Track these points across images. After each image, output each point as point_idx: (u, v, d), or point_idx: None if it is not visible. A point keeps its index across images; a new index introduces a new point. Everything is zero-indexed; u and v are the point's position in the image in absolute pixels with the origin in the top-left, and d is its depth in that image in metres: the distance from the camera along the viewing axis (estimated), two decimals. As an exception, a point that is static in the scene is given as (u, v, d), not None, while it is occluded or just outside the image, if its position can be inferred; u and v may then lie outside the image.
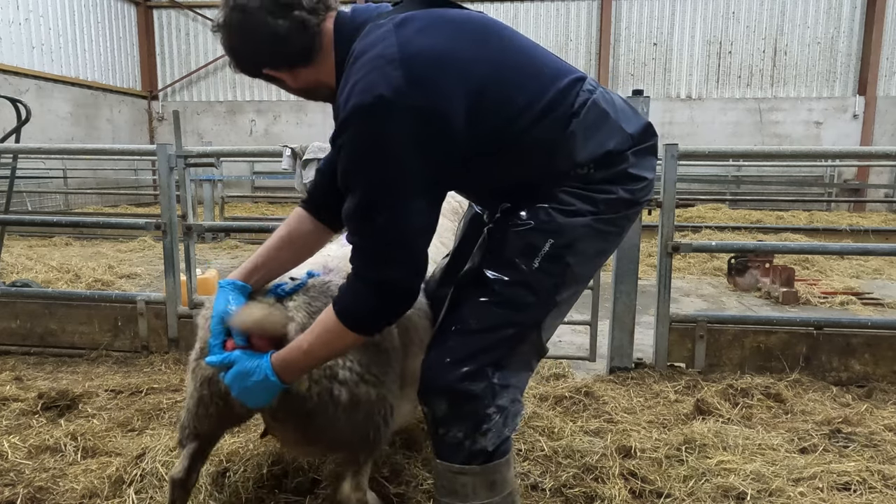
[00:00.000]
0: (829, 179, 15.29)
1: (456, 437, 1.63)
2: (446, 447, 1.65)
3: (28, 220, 8.02)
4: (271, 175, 13.52)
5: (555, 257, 1.62)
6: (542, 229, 1.61)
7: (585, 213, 1.62)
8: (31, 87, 13.24)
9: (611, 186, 1.64)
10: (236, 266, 3.42)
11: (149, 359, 3.77)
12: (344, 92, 1.49)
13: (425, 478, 2.25)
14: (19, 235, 9.57)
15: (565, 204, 1.62)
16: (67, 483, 2.26)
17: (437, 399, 1.63)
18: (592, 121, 1.62)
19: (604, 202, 1.63)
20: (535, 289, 1.63)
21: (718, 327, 3.59)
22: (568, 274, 1.66)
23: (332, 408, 1.70)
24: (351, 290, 1.55)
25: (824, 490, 2.24)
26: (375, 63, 1.46)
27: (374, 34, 1.54)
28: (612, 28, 15.98)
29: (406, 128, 1.45)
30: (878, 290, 6.18)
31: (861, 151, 9.91)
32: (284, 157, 3.96)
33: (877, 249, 6.06)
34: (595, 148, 1.61)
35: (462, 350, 1.62)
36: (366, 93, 1.43)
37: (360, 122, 1.45)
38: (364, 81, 1.45)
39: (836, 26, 15.44)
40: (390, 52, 1.47)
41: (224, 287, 1.74)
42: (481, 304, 1.63)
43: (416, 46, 1.49)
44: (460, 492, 1.66)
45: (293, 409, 1.69)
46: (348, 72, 1.52)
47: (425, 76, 1.47)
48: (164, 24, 17.39)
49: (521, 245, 1.62)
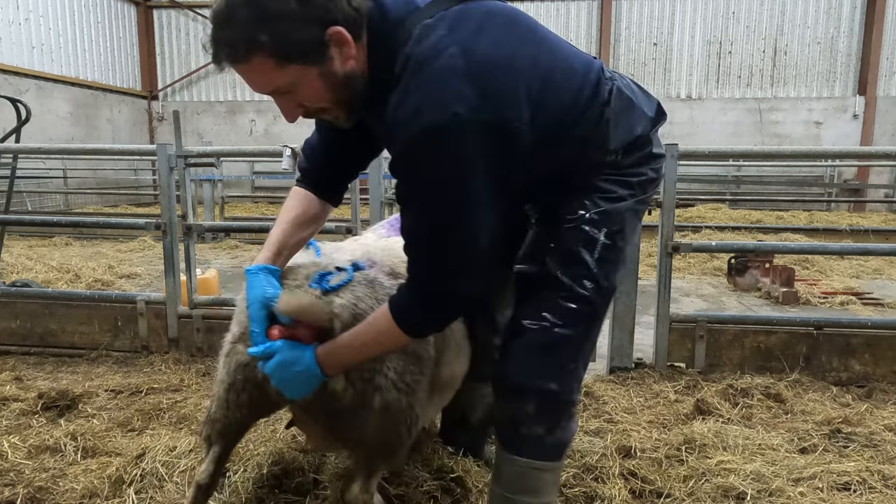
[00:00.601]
0: (829, 179, 15.30)
1: (537, 433, 1.67)
2: (529, 445, 1.69)
3: (28, 220, 8.02)
4: (271, 175, 13.53)
5: (611, 245, 1.65)
6: (594, 220, 1.63)
7: (626, 197, 1.66)
8: (31, 87, 13.25)
9: (640, 168, 1.69)
10: (236, 266, 3.41)
11: (149, 359, 3.77)
12: (406, 106, 1.40)
13: (425, 479, 2.25)
14: (19, 235, 9.56)
15: (607, 192, 1.65)
16: (67, 483, 2.25)
17: (526, 399, 1.66)
18: (621, 108, 1.64)
19: (638, 184, 1.68)
20: (600, 280, 1.66)
21: (718, 327, 3.59)
22: (621, 259, 1.71)
23: (364, 411, 1.70)
24: (410, 297, 1.55)
25: (824, 490, 2.24)
26: (444, 77, 1.38)
27: (430, 39, 1.43)
28: (612, 28, 15.99)
29: (480, 145, 1.41)
30: (878, 290, 6.18)
31: (861, 151, 9.91)
32: (284, 157, 3.95)
33: (877, 249, 6.06)
34: (625, 134, 1.64)
35: (546, 350, 1.65)
36: (439, 112, 1.36)
37: (434, 143, 1.38)
38: (435, 98, 1.37)
39: (836, 26, 15.45)
40: (457, 63, 1.39)
41: (257, 272, 1.69)
42: (557, 302, 1.65)
43: (480, 55, 1.42)
44: (541, 489, 1.73)
45: (325, 405, 1.68)
46: (408, 83, 1.41)
47: (496, 89, 1.42)
48: (164, 24, 17.39)
49: (581, 239, 1.64)
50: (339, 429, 1.76)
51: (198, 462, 1.93)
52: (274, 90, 1.47)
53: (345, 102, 1.52)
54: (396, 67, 1.44)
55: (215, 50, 1.41)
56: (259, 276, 1.68)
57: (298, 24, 1.36)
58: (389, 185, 5.99)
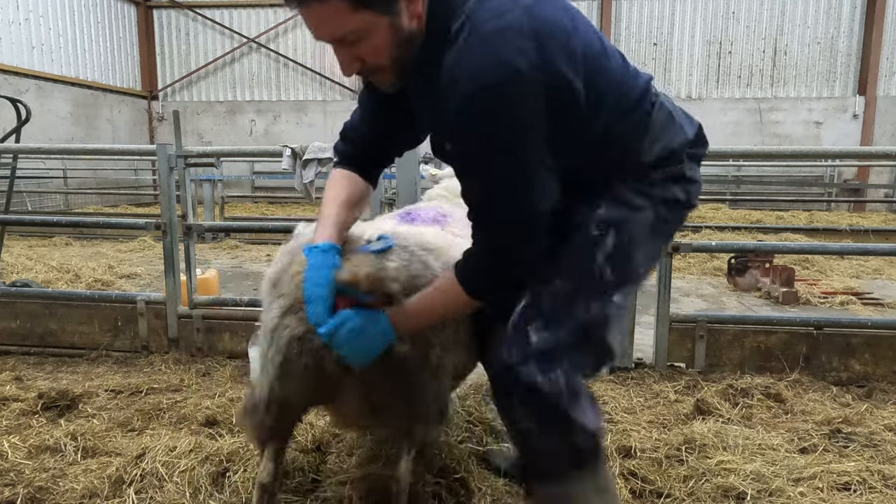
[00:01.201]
0: (829, 179, 15.29)
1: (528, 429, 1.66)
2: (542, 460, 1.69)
3: (28, 220, 8.02)
4: (271, 175, 13.52)
5: (620, 252, 1.63)
6: (604, 223, 1.62)
7: (644, 208, 1.64)
8: (31, 87, 13.24)
9: (668, 185, 1.66)
10: (237, 266, 3.38)
11: (149, 359, 3.77)
12: (467, 63, 1.38)
13: (429, 480, 2.25)
14: (19, 235, 9.56)
15: (628, 200, 1.63)
16: (67, 483, 2.25)
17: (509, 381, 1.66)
18: (662, 121, 1.64)
19: (662, 201, 1.66)
20: (600, 285, 1.64)
21: (718, 327, 3.59)
22: (629, 271, 1.67)
23: (422, 370, 1.75)
24: (478, 260, 1.57)
25: (824, 490, 2.24)
26: (505, 34, 1.37)
27: (491, 2, 1.43)
28: (612, 28, 15.98)
29: (541, 101, 1.41)
30: (878, 290, 6.17)
31: (861, 151, 9.91)
32: (284, 157, 3.96)
33: (877, 249, 6.06)
34: (661, 147, 1.64)
35: (547, 346, 1.62)
36: (500, 67, 1.35)
37: (495, 99, 1.37)
38: (496, 55, 1.36)
39: (836, 26, 15.45)
40: (520, 21, 1.39)
41: (324, 249, 1.61)
42: (560, 301, 1.63)
43: (543, 15, 1.42)
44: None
45: (385, 370, 1.67)
46: (468, 41, 1.40)
47: (557, 47, 1.41)
48: (164, 24, 17.39)
49: (591, 241, 1.63)
50: (390, 396, 1.76)
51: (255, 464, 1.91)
52: (341, 37, 1.44)
53: (400, 62, 1.50)
54: (454, 25, 1.44)
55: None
56: (323, 253, 1.62)
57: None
58: (389, 186, 5.99)
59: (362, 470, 2.26)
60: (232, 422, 2.79)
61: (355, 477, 2.21)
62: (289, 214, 12.33)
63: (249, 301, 3.85)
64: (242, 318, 3.80)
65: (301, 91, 17.24)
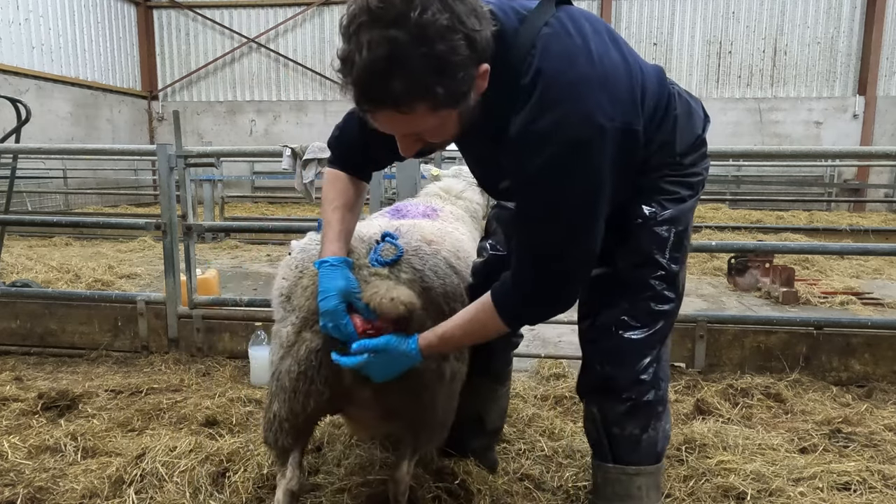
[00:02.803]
0: (829, 179, 15.29)
1: (631, 434, 1.72)
2: (621, 448, 1.74)
3: (28, 220, 8.02)
4: (271, 175, 13.52)
5: (678, 244, 1.71)
6: (663, 220, 1.68)
7: (687, 197, 1.73)
8: (31, 87, 13.24)
9: (697, 168, 1.75)
10: (237, 266, 3.39)
11: (149, 359, 3.77)
12: (548, 119, 1.39)
13: (428, 482, 2.24)
14: (19, 235, 9.56)
15: (671, 193, 1.70)
16: (67, 483, 2.25)
17: (617, 399, 1.72)
18: (684, 111, 1.71)
19: (696, 184, 1.75)
20: (674, 279, 1.73)
21: (718, 327, 3.59)
22: (686, 256, 1.78)
23: (439, 382, 1.80)
24: (515, 291, 1.59)
25: (824, 490, 2.24)
26: (582, 90, 1.40)
27: (556, 49, 1.42)
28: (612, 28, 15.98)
29: (615, 151, 1.45)
30: (878, 290, 6.17)
31: (861, 151, 9.90)
32: (284, 157, 3.95)
33: (877, 249, 6.05)
34: (689, 137, 1.71)
35: (631, 351, 1.71)
36: (585, 124, 1.39)
37: (578, 154, 1.42)
38: (578, 111, 1.39)
39: (836, 26, 15.44)
40: (589, 72, 1.41)
41: (335, 264, 1.64)
42: (636, 304, 1.71)
43: (607, 63, 1.45)
44: (636, 495, 1.75)
45: (403, 384, 1.69)
46: (544, 95, 1.40)
47: (621, 96, 1.46)
48: (164, 24, 17.38)
49: (653, 239, 1.69)
50: (403, 406, 1.80)
51: (278, 471, 1.91)
52: (414, 133, 1.43)
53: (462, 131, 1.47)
54: (524, 80, 1.42)
55: (374, 96, 1.29)
56: (335, 269, 1.64)
57: (468, 71, 1.31)
58: (389, 185, 5.99)
59: (361, 476, 2.26)
60: (232, 422, 2.79)
61: (353, 484, 2.21)
62: (289, 214, 12.33)
63: (249, 301, 3.85)
64: (242, 318, 3.80)
65: (301, 91, 17.23)
